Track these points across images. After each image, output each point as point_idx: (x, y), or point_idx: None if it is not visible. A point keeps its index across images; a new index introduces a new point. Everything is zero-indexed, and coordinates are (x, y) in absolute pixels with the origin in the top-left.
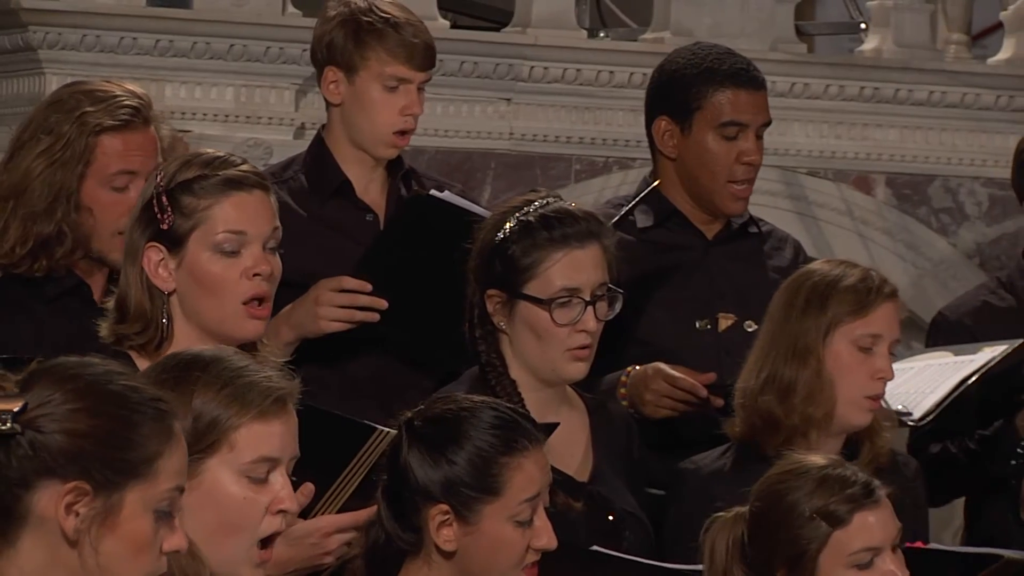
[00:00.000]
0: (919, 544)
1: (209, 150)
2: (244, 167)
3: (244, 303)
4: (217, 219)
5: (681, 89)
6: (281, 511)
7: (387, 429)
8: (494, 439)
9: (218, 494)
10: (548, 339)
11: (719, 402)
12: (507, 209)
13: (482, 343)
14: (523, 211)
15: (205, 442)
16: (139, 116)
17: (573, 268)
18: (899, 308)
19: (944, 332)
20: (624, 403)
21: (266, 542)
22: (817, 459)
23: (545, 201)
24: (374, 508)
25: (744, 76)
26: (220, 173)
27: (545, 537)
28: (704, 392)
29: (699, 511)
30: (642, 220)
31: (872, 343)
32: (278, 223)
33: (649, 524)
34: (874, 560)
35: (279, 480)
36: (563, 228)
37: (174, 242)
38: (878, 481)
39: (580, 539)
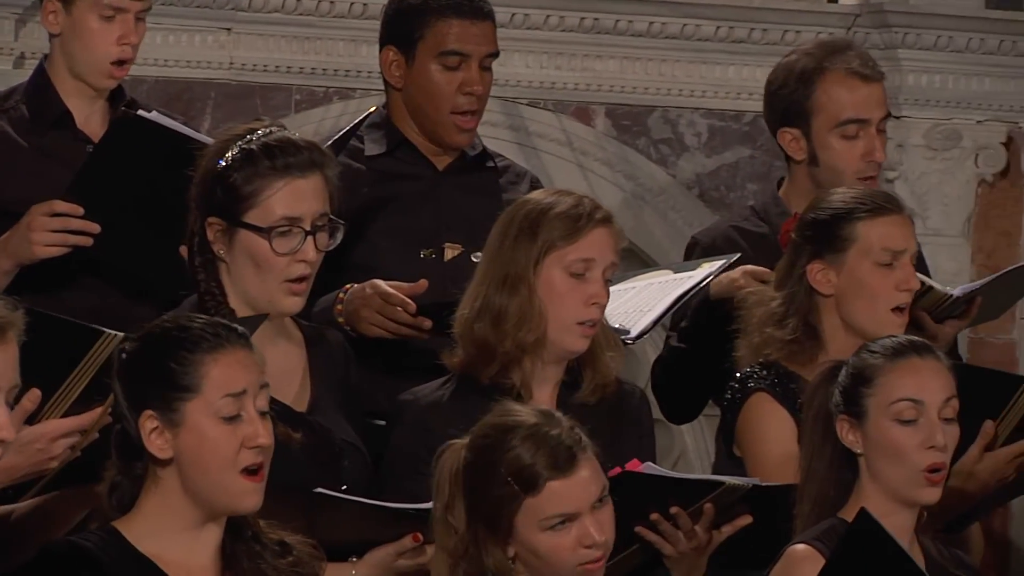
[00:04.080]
0: (637, 465)
1: None
2: None
3: None
4: None
5: (406, 20)
6: None
7: (114, 332)
8: (189, 339)
9: None
10: (267, 268)
11: (427, 323)
12: (229, 137)
13: (201, 271)
14: (245, 139)
15: None
16: None
17: (294, 197)
18: (614, 233)
19: (698, 256)
20: (340, 319)
21: None
22: (528, 415)
23: (268, 130)
24: (97, 411)
25: (467, 7)
26: None
27: (262, 435)
28: (413, 306)
29: (417, 442)
30: (371, 148)
31: (585, 268)
32: None
33: (367, 454)
34: (568, 524)
35: None
36: (285, 157)
37: None
38: (586, 439)
39: (301, 469)
